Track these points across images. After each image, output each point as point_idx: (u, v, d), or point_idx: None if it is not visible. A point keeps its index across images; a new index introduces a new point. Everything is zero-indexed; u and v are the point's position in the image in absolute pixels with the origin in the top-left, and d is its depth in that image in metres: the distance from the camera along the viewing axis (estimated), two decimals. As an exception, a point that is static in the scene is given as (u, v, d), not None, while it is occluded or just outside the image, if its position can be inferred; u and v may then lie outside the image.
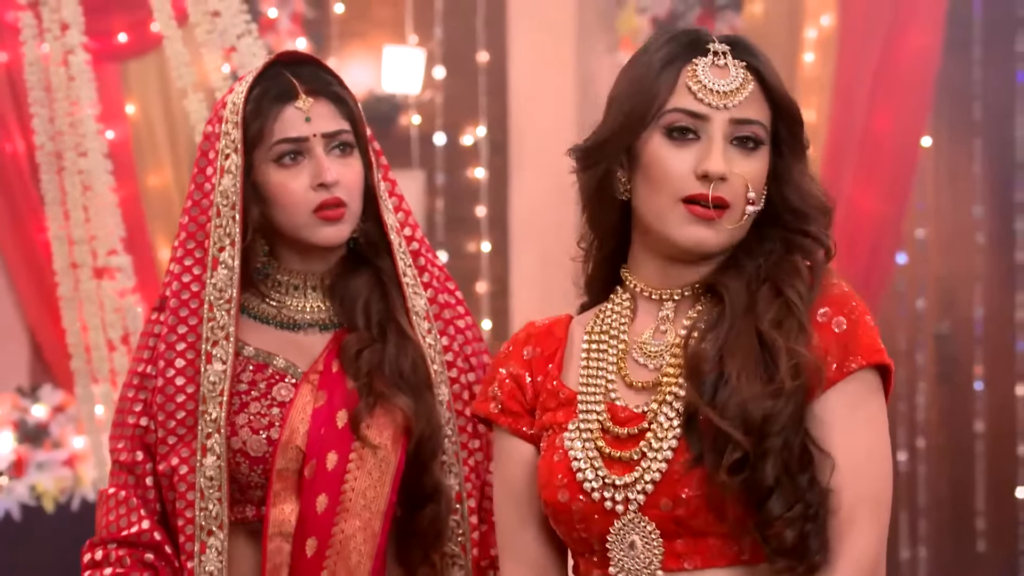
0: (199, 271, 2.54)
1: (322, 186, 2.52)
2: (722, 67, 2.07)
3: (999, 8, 7.16)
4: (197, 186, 2.56)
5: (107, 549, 2.52)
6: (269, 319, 2.61)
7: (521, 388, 2.19)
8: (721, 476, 1.95)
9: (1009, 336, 7.36)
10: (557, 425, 2.12)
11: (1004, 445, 7.37)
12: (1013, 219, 7.31)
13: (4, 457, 6.07)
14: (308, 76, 2.58)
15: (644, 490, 2.01)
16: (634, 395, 2.09)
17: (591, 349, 2.16)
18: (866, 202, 6.65)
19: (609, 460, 2.05)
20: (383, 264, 2.59)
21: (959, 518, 7.41)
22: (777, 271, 2.07)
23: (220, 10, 3.87)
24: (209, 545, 2.47)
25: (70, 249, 4.20)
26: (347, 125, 2.57)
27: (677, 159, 2.04)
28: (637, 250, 2.15)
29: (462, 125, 7.20)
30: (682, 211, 2.04)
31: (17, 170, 6.45)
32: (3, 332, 6.63)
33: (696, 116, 2.05)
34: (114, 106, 6.39)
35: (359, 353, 2.54)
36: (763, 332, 2.01)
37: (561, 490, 2.05)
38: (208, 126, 2.55)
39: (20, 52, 4.33)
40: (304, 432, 2.50)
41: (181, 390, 2.53)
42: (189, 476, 2.49)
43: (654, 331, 2.13)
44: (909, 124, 6.72)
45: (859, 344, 2.03)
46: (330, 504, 2.49)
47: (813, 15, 6.74)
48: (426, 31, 7.00)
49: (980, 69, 7.19)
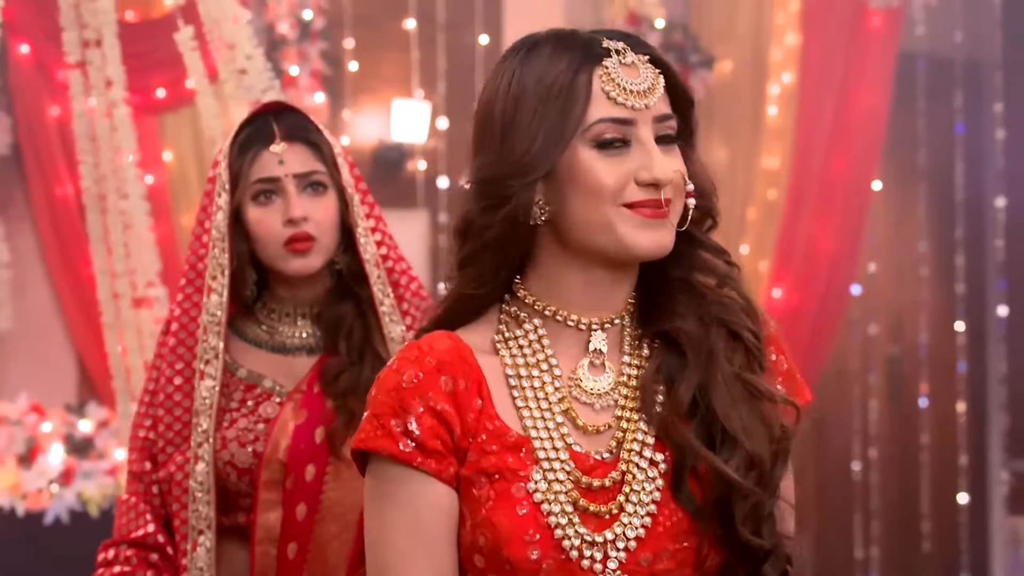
0: (197, 298, 2.55)
1: (291, 222, 2.52)
2: (629, 65, 1.72)
3: (940, 67, 7.18)
4: (199, 223, 2.58)
5: (118, 549, 2.52)
6: (262, 343, 2.61)
7: (447, 425, 1.70)
8: (739, 529, 1.68)
9: (951, 358, 7.37)
10: (509, 472, 1.69)
11: (947, 456, 7.37)
12: (954, 254, 7.32)
13: (54, 467, 6.04)
14: (287, 123, 2.58)
15: (627, 547, 1.67)
16: (587, 439, 1.73)
17: (522, 386, 1.75)
18: (823, 239, 6.64)
19: (585, 515, 1.68)
20: (363, 294, 2.59)
21: (907, 521, 7.40)
22: (723, 310, 1.78)
23: (247, 68, 3.87)
24: (200, 544, 2.48)
25: (112, 281, 4.18)
26: (320, 167, 2.57)
27: (612, 169, 1.70)
28: (553, 272, 1.76)
29: (463, 170, 7.18)
30: (628, 215, 1.69)
31: (66, 211, 6.44)
32: (54, 355, 6.61)
33: (623, 122, 1.70)
34: (152, 154, 6.38)
35: (338, 376, 2.54)
36: (742, 377, 1.74)
37: (532, 547, 1.65)
38: (211, 170, 2.56)
39: (69, 106, 4.31)
40: (286, 447, 2.50)
41: (178, 404, 2.54)
42: (184, 481, 2.50)
43: (587, 364, 1.77)
44: (861, 170, 6.73)
45: (798, 383, 1.82)
46: (309, 512, 2.49)
47: (776, 73, 6.74)
48: (431, 86, 7.00)
49: (924, 121, 7.21)
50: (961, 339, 7.35)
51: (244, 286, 2.58)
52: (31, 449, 6.12)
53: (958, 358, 7.36)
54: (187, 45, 3.97)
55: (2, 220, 6.42)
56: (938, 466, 7.39)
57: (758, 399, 1.74)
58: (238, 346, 2.60)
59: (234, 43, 3.89)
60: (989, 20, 7.20)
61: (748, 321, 1.78)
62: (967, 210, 7.35)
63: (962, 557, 7.41)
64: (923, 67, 7.17)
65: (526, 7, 7.04)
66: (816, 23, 6.69)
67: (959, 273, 7.31)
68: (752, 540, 1.69)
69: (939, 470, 7.39)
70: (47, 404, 6.34)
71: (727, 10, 6.84)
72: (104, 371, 4.59)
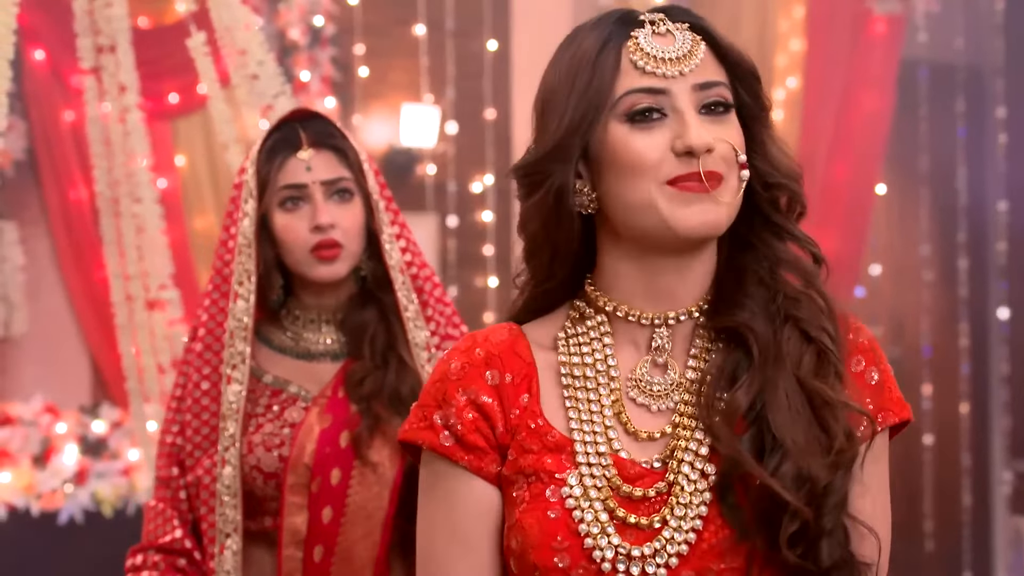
0: (224, 303, 2.54)
1: (318, 228, 2.52)
2: (664, 34, 1.57)
3: (943, 73, 7.18)
4: (224, 228, 2.57)
5: (146, 555, 2.51)
6: (287, 350, 2.60)
7: (488, 419, 1.61)
8: (784, 551, 1.50)
9: (953, 360, 7.36)
10: (546, 473, 1.57)
11: (949, 456, 7.36)
12: (956, 258, 7.31)
13: (69, 468, 6.06)
14: (313, 130, 2.58)
15: (667, 563, 1.52)
16: (638, 446, 1.59)
17: (575, 385, 1.63)
18: (827, 242, 6.64)
19: (622, 525, 1.54)
20: (387, 300, 2.58)
21: (910, 521, 7.38)
22: (797, 308, 1.60)
23: (258, 73, 3.87)
24: (227, 547, 2.47)
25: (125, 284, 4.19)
26: (347, 173, 2.56)
27: (648, 143, 1.55)
28: (610, 265, 1.64)
29: (472, 174, 7.19)
30: (670, 192, 1.54)
31: (80, 215, 6.46)
32: (68, 356, 6.63)
33: (655, 92, 1.55)
34: (165, 158, 6.40)
35: (362, 380, 2.52)
36: (806, 383, 1.56)
37: (560, 554, 1.53)
38: (238, 176, 2.56)
39: (83, 111, 4.32)
40: (311, 451, 2.49)
41: (206, 409, 2.53)
42: (211, 485, 2.49)
43: (649, 364, 1.63)
44: (865, 174, 6.72)
45: (891, 399, 1.63)
46: (335, 515, 2.48)
47: (781, 78, 6.74)
48: (440, 91, 7.01)
49: (926, 126, 7.20)
50: (964, 341, 7.35)
51: (271, 291, 2.57)
52: (45, 450, 6.14)
53: (961, 360, 7.36)
54: (199, 51, 3.98)
55: (17, 224, 6.45)
56: (941, 467, 7.38)
57: (823, 408, 1.55)
58: (264, 353, 2.59)
59: (246, 49, 3.90)
60: (990, 27, 7.20)
61: (826, 323, 1.60)
62: (969, 214, 7.34)
63: (965, 557, 7.40)
64: (925, 73, 7.17)
65: (534, 14, 7.06)
66: (820, 29, 6.69)
67: (961, 276, 7.31)
68: (800, 563, 1.51)
69: (942, 471, 7.38)
70: (61, 405, 6.36)
71: (731, 16, 6.84)
72: (117, 372, 4.59)
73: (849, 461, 1.54)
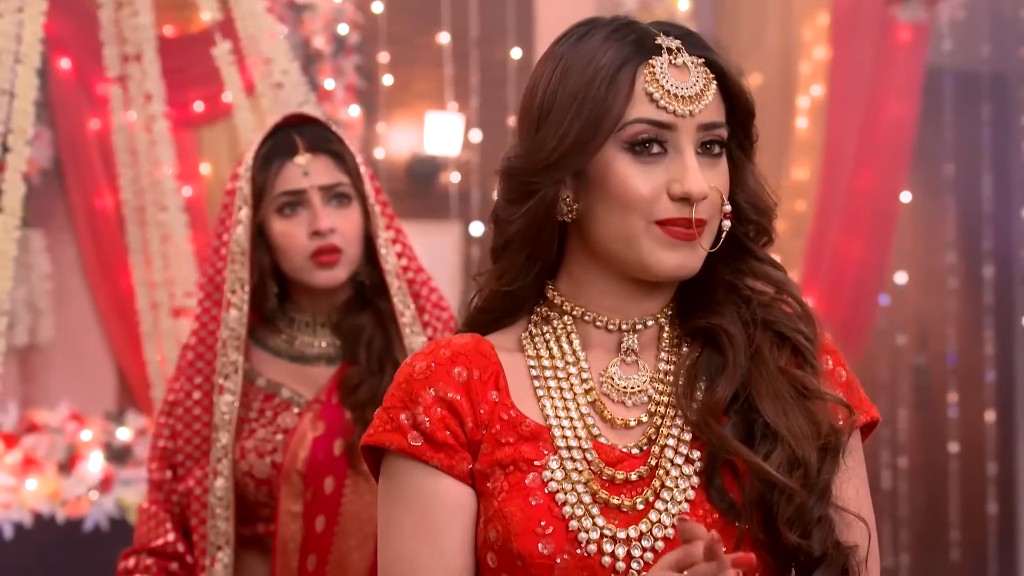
0: (216, 312, 2.52)
1: (317, 234, 2.49)
2: (680, 67, 1.57)
3: (967, 80, 7.15)
4: (216, 236, 2.55)
5: (138, 558, 2.51)
6: (281, 352, 2.58)
7: (457, 416, 1.58)
8: (784, 532, 1.52)
9: (979, 368, 7.33)
10: (524, 462, 1.56)
11: (975, 464, 7.33)
12: (981, 266, 7.28)
13: (94, 475, 6.07)
14: (309, 134, 2.55)
15: (653, 546, 1.52)
16: (616, 433, 1.60)
17: (545, 376, 1.62)
18: (852, 250, 6.62)
19: (606, 508, 1.54)
20: (383, 305, 2.55)
21: (935, 529, 7.35)
22: (769, 312, 1.63)
23: (283, 82, 3.87)
24: (218, 560, 2.44)
25: (151, 292, 4.19)
26: (345, 178, 2.54)
27: (645, 178, 1.56)
28: (579, 273, 1.64)
29: (495, 182, 7.18)
30: (657, 234, 1.56)
31: (106, 223, 6.46)
32: (94, 364, 6.63)
33: (662, 126, 1.56)
34: (190, 167, 6.40)
35: (357, 387, 2.50)
36: (787, 372, 1.59)
37: (545, 539, 1.51)
38: (229, 183, 2.54)
39: (109, 120, 4.32)
40: (304, 458, 2.46)
41: (197, 419, 2.52)
42: (203, 496, 2.47)
43: (619, 363, 1.63)
44: (890, 181, 6.70)
45: (860, 397, 1.67)
46: (328, 524, 2.46)
47: (805, 86, 6.72)
48: (464, 99, 7.00)
49: (952, 133, 7.18)
50: (989, 348, 7.32)
51: (265, 299, 2.55)
52: (71, 457, 6.15)
53: (986, 367, 7.33)
54: (225, 60, 3.98)
55: (44, 232, 6.46)
56: (967, 475, 7.35)
57: (805, 397, 1.58)
58: (257, 355, 2.57)
59: (271, 58, 3.90)
60: (1015, 34, 7.17)
61: (801, 325, 1.63)
62: (995, 221, 7.32)
63: (991, 566, 7.36)
64: (950, 80, 7.15)
65: (558, 22, 7.03)
66: (845, 37, 6.67)
67: (987, 283, 7.28)
68: (801, 544, 1.53)
69: (968, 479, 7.35)
70: (87, 412, 6.36)
71: (755, 24, 6.83)
72: (143, 380, 4.60)
73: (836, 448, 1.57)
